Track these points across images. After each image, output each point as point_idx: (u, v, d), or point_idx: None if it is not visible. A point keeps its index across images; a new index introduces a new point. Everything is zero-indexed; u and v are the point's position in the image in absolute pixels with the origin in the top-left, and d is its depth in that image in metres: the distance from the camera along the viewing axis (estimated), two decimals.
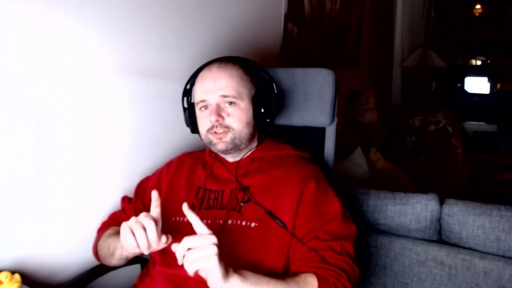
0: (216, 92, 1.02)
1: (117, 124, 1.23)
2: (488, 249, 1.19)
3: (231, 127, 1.02)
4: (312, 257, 0.91)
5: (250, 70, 1.10)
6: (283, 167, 1.06)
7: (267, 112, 1.06)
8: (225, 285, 0.78)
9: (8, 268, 0.97)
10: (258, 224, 0.97)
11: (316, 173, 1.06)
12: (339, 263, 0.90)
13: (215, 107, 1.02)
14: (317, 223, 0.95)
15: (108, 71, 1.18)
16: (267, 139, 1.14)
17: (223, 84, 1.02)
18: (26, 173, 1.02)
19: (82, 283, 1.13)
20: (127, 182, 1.25)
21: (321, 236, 0.93)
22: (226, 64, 1.05)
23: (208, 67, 1.06)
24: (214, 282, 0.78)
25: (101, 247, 1.07)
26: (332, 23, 2.61)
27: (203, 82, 1.04)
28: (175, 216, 1.04)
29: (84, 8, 1.09)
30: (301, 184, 1.00)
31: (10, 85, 0.96)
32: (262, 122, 1.08)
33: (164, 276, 0.96)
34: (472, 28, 5.18)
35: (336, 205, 0.99)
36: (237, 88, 1.03)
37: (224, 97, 1.02)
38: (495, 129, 3.96)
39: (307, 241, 0.94)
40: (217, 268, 0.76)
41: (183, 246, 0.77)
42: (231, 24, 1.64)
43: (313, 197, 0.99)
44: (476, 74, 5.21)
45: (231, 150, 1.04)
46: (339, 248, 0.92)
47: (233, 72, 1.04)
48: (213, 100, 1.02)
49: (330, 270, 0.88)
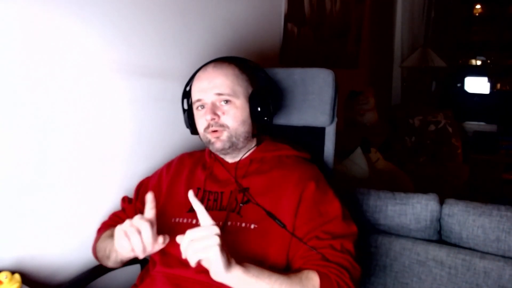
0: (211, 91, 1.02)
1: (117, 124, 1.23)
2: (488, 249, 1.19)
3: (226, 125, 1.02)
4: (313, 255, 0.91)
5: (246, 69, 1.10)
6: (282, 168, 1.06)
7: (264, 111, 1.06)
8: (227, 275, 0.79)
9: (8, 268, 0.97)
10: (258, 225, 0.97)
11: (316, 174, 1.06)
12: (340, 261, 0.90)
13: (211, 105, 1.02)
14: (317, 223, 0.95)
15: (108, 71, 1.18)
16: (267, 139, 1.14)
17: (218, 83, 1.02)
18: (26, 173, 1.02)
19: (82, 283, 1.13)
20: (127, 182, 1.25)
21: (321, 236, 0.93)
22: (222, 63, 1.06)
23: (204, 67, 1.07)
24: (216, 272, 0.78)
25: (99, 248, 1.07)
26: (332, 23, 2.61)
27: (199, 82, 1.05)
28: (174, 217, 1.04)
29: (84, 8, 1.09)
30: (301, 185, 1.00)
31: (10, 85, 0.96)
32: (260, 121, 1.08)
33: (164, 276, 0.96)
34: (472, 28, 5.18)
35: (335, 205, 0.99)
36: (232, 87, 1.03)
37: (219, 95, 1.02)
38: (495, 129, 3.95)
39: (307, 240, 0.94)
40: (219, 258, 0.77)
41: (186, 238, 0.78)
42: (231, 24, 1.64)
43: (313, 198, 0.99)
44: (476, 74, 5.21)
45: (228, 149, 1.04)
46: (339, 247, 0.92)
47: (228, 71, 1.04)
48: (208, 99, 1.03)
49: (331, 268, 0.89)
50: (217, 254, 0.76)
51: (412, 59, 3.86)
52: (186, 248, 0.78)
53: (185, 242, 0.78)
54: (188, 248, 0.77)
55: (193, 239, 0.77)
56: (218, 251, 0.76)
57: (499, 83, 5.09)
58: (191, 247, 0.77)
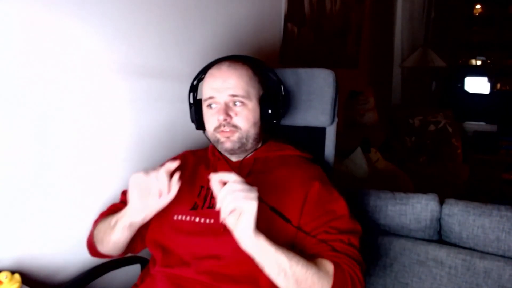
0: (225, 91, 1.01)
1: (117, 124, 1.23)
2: (488, 249, 1.19)
3: (238, 126, 1.02)
4: (323, 246, 0.92)
5: (259, 71, 1.10)
6: (286, 168, 1.06)
7: (274, 113, 1.06)
8: (253, 239, 0.80)
9: (8, 268, 0.97)
10: (261, 223, 0.97)
11: (320, 174, 1.07)
12: (350, 253, 0.91)
13: (224, 106, 1.01)
14: (324, 220, 0.95)
15: (108, 71, 1.18)
16: (270, 140, 1.14)
17: (233, 84, 1.01)
18: (26, 173, 1.02)
19: (82, 283, 1.13)
20: (127, 182, 1.24)
21: (329, 231, 0.94)
22: (236, 63, 1.05)
23: (218, 65, 1.05)
24: (244, 229, 0.79)
25: (99, 229, 1.04)
26: (332, 23, 2.61)
27: (212, 80, 1.04)
28: (177, 215, 1.03)
29: (84, 8, 1.09)
30: (306, 184, 1.00)
31: (10, 85, 0.96)
32: (269, 124, 1.08)
33: (165, 276, 0.96)
34: (472, 28, 5.18)
35: (341, 204, 1.00)
36: (246, 88, 1.03)
37: (233, 97, 1.01)
38: (495, 129, 3.95)
39: (315, 235, 0.94)
40: (254, 212, 0.78)
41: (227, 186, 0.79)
42: (231, 24, 1.64)
43: (318, 196, 0.99)
44: (476, 74, 5.21)
45: (237, 150, 1.04)
46: (347, 241, 0.93)
47: (243, 72, 1.03)
48: (221, 98, 1.02)
49: (343, 258, 0.89)
50: (255, 207, 0.77)
51: (412, 59, 3.86)
52: (224, 195, 0.78)
53: (224, 190, 0.78)
54: (227, 195, 0.78)
55: (234, 189, 0.78)
56: (256, 206, 0.77)
57: (499, 83, 5.09)
58: (231, 194, 0.77)
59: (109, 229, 0.99)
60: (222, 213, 0.79)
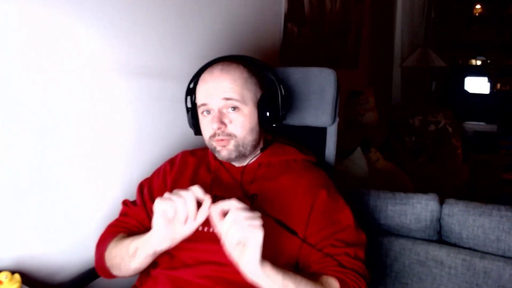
0: (218, 96, 0.97)
1: (117, 124, 1.23)
2: (488, 249, 1.19)
3: (233, 134, 0.98)
4: (329, 261, 0.90)
5: (256, 71, 1.04)
6: (290, 174, 1.03)
7: (273, 116, 1.01)
8: (259, 269, 0.76)
9: (8, 268, 0.97)
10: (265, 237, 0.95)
11: (326, 181, 1.04)
12: (356, 268, 0.90)
13: (217, 113, 0.97)
14: (330, 231, 0.94)
15: (108, 71, 1.18)
16: (274, 143, 1.10)
17: (226, 87, 0.96)
18: (26, 173, 1.02)
19: (82, 283, 1.13)
20: (127, 182, 1.25)
21: (335, 244, 0.92)
22: (230, 65, 0.99)
23: (211, 68, 1.01)
24: (250, 261, 0.75)
25: (113, 254, 0.97)
26: (332, 23, 2.61)
27: (205, 85, 0.99)
28: None
29: (84, 8, 1.09)
30: (312, 193, 0.98)
31: (10, 85, 0.96)
32: (269, 128, 1.03)
33: (168, 278, 0.94)
34: (472, 28, 5.18)
35: (347, 214, 0.98)
36: (241, 92, 0.97)
37: (226, 100, 0.96)
38: (495, 129, 3.96)
39: (321, 248, 0.92)
40: (260, 243, 0.73)
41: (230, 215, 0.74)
42: (231, 24, 1.64)
43: (325, 206, 0.97)
44: (476, 74, 5.22)
45: (235, 158, 1.01)
46: (353, 254, 0.92)
47: (237, 75, 0.98)
48: (214, 104, 0.97)
49: (349, 274, 0.88)
50: (261, 236, 0.73)
51: (412, 59, 3.86)
52: (229, 227, 0.74)
53: (228, 221, 0.74)
54: (231, 226, 0.74)
55: (238, 219, 0.74)
56: (262, 235, 0.73)
57: (499, 83, 5.10)
58: (235, 224, 0.73)
59: (128, 257, 0.92)
60: (227, 247, 0.76)
